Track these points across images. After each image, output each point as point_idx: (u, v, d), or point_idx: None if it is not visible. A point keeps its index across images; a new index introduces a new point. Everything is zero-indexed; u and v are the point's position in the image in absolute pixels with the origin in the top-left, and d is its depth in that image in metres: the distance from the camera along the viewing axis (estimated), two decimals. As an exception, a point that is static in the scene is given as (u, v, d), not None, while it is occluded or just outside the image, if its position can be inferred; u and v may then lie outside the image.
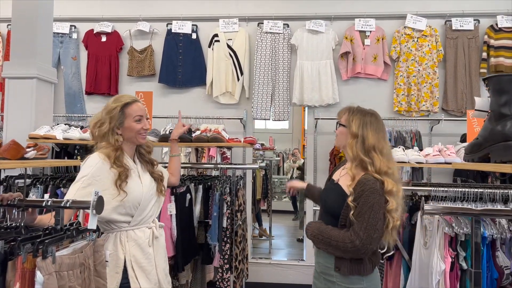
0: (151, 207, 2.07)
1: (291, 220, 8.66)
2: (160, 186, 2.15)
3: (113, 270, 1.94)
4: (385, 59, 4.69)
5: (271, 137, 9.99)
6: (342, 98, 4.74)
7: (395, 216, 1.80)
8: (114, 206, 1.92)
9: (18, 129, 3.29)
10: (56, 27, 5.02)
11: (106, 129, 1.99)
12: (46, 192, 2.94)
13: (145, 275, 1.99)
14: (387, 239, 1.85)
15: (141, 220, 2.02)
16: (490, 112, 1.40)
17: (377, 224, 1.77)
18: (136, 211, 1.98)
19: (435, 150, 3.07)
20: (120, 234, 1.98)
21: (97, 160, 1.95)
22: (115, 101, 2.05)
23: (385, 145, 1.91)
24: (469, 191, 2.69)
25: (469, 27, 4.62)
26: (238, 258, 3.26)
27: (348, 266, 1.88)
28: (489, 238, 2.52)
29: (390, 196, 1.81)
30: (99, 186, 1.86)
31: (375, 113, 2.01)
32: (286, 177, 8.82)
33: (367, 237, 1.76)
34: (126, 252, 1.96)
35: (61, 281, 1.56)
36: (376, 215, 1.77)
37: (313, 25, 4.73)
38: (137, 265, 1.97)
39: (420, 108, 4.59)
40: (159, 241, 2.11)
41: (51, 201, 1.64)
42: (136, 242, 1.99)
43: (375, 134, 1.89)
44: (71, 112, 4.99)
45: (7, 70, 3.35)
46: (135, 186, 1.99)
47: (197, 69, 4.92)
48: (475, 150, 1.46)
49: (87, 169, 1.91)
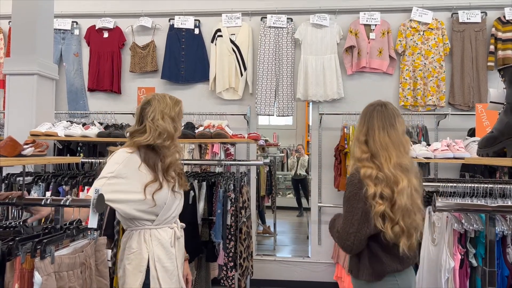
0: (176, 207, 1.99)
1: (296, 216, 8.63)
2: (182, 180, 2.03)
3: (136, 269, 1.87)
4: (390, 53, 4.62)
5: (275, 133, 9.95)
6: (347, 93, 4.67)
7: (379, 201, 1.72)
8: (138, 206, 1.84)
9: (20, 126, 3.26)
10: (57, 24, 4.98)
11: (180, 134, 1.97)
12: (47, 190, 2.90)
13: (168, 276, 1.92)
14: (377, 225, 1.74)
15: (165, 220, 1.94)
16: (506, 104, 1.34)
17: (352, 218, 1.76)
18: (161, 211, 1.90)
19: (443, 145, 3.01)
20: (144, 232, 1.90)
21: (125, 156, 1.85)
22: (173, 102, 1.97)
23: (362, 133, 1.89)
24: (479, 186, 2.63)
25: (476, 20, 4.54)
26: (242, 256, 3.22)
27: (356, 269, 1.88)
28: (500, 234, 2.47)
29: (368, 181, 1.76)
30: (126, 185, 1.80)
31: (370, 104, 1.96)
32: (290, 173, 8.76)
33: (343, 232, 1.79)
34: (150, 251, 1.88)
35: (61, 282, 1.52)
36: (352, 209, 1.77)
37: (317, 19, 4.66)
38: (160, 265, 1.90)
39: (426, 102, 4.51)
40: (180, 242, 2.03)
41: (50, 199, 1.60)
42: (159, 242, 1.91)
43: (358, 127, 1.92)
44: (74, 109, 4.96)
45: (8, 67, 3.31)
46: (164, 190, 1.89)
47: (200, 65, 4.87)
48: (490, 144, 1.40)
49: (114, 166, 1.81)
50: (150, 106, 1.92)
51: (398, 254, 1.77)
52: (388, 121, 1.85)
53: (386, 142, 1.81)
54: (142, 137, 1.87)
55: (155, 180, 1.84)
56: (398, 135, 1.83)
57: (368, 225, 1.75)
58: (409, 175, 1.78)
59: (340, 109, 4.63)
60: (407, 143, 1.86)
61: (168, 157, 1.88)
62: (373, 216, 1.73)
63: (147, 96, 1.98)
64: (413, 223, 1.75)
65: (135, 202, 1.81)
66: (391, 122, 1.85)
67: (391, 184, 1.75)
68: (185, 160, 3.43)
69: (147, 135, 1.86)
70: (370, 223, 1.74)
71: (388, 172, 1.75)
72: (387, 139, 1.81)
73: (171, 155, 1.89)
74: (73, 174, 3.20)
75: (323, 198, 4.67)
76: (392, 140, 1.82)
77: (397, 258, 1.80)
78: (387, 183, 1.75)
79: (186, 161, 3.41)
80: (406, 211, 1.73)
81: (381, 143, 1.81)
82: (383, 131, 1.83)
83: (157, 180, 1.85)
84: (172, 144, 1.90)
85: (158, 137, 1.86)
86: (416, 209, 1.77)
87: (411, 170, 1.80)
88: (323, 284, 4.55)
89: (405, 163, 1.79)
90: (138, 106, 1.99)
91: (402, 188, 1.73)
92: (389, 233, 1.72)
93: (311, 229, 4.80)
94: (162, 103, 1.92)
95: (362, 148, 1.86)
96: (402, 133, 1.86)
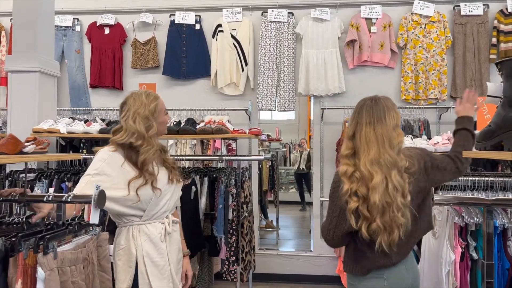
0: (165, 202, 2.01)
1: (299, 210, 8.65)
2: (173, 175, 2.06)
3: (126, 265, 1.92)
4: (392, 46, 4.61)
5: (277, 128, 9.95)
6: (349, 87, 4.67)
7: (353, 198, 1.70)
8: (122, 202, 1.87)
9: (22, 123, 3.28)
10: (59, 21, 4.99)
11: (156, 131, 1.96)
12: (51, 186, 2.92)
13: (158, 271, 1.95)
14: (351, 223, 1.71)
15: (154, 215, 1.97)
16: (503, 98, 1.35)
17: (332, 215, 1.82)
18: (148, 206, 1.93)
19: (444, 139, 3.01)
20: (132, 228, 1.94)
21: (107, 155, 1.90)
22: (149, 99, 1.97)
23: (350, 128, 1.85)
24: (480, 180, 2.64)
25: (478, 12, 4.51)
26: (244, 250, 3.24)
27: (345, 262, 1.92)
28: (500, 227, 2.47)
29: (344, 178, 1.76)
30: (109, 182, 1.83)
31: (362, 99, 1.91)
32: (293, 168, 8.78)
33: (324, 228, 1.86)
34: (138, 247, 1.92)
35: (64, 277, 1.55)
36: (332, 206, 1.83)
37: (318, 13, 4.65)
38: (150, 260, 1.93)
39: (428, 96, 4.50)
40: (172, 237, 2.05)
41: (52, 196, 1.62)
42: (148, 237, 1.94)
43: (349, 122, 1.90)
44: (76, 106, 4.98)
45: (10, 64, 3.33)
46: (148, 188, 1.92)
47: (201, 60, 4.87)
48: (487, 137, 1.40)
49: (98, 163, 1.87)
50: (126, 106, 1.98)
51: (384, 250, 1.71)
52: (377, 115, 1.80)
53: (369, 137, 1.76)
54: (117, 136, 1.93)
55: (139, 176, 1.88)
56: (386, 130, 1.76)
57: (346, 222, 1.75)
58: (389, 171, 1.69)
59: (341, 103, 4.62)
60: (397, 137, 1.77)
61: (142, 154, 1.90)
62: (347, 213, 1.72)
63: (127, 95, 2.02)
64: (395, 220, 1.67)
65: (119, 199, 1.84)
66: (379, 116, 1.79)
67: (366, 181, 1.70)
68: (186, 156, 3.45)
69: (122, 134, 1.92)
70: (347, 221, 1.74)
71: (363, 169, 1.71)
72: (371, 134, 1.76)
73: (145, 153, 1.90)
74: (75, 170, 3.22)
75: (325, 193, 4.68)
76: (376, 135, 1.76)
77: (384, 254, 1.74)
78: (364, 181, 1.71)
79: (187, 156, 3.43)
80: (381, 209, 1.66)
81: (365, 138, 1.77)
82: (369, 126, 1.78)
83: (141, 176, 1.88)
84: (144, 143, 1.91)
85: (131, 136, 1.90)
86: (395, 207, 1.67)
87: (393, 166, 1.71)
88: (326, 277, 4.57)
89: (386, 158, 1.71)
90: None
91: (374, 185, 1.67)
92: (363, 232, 1.69)
93: (313, 223, 4.81)
94: (136, 102, 1.95)
95: (348, 144, 1.84)
96: (393, 127, 1.79)
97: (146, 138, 1.91)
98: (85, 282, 1.67)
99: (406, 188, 1.71)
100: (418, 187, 1.80)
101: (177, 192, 2.11)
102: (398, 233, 1.69)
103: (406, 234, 1.72)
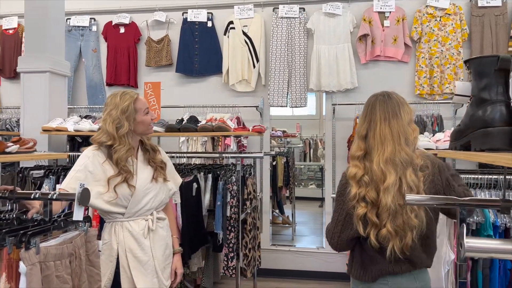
0: (148, 200, 2.05)
1: (318, 207, 8.58)
2: (157, 174, 2.10)
3: (107, 259, 2.01)
4: (405, 40, 4.50)
5: (298, 123, 9.89)
6: (361, 83, 4.60)
7: (361, 204, 1.61)
8: (105, 199, 1.95)
9: (34, 121, 3.42)
10: (76, 21, 5.14)
11: (127, 130, 1.99)
12: (58, 183, 3.03)
13: (141, 266, 2.01)
14: (359, 230, 1.63)
15: (136, 213, 2.03)
16: (472, 97, 1.31)
17: (337, 218, 1.71)
18: (128, 203, 1.99)
19: (446, 136, 2.93)
20: (115, 224, 2.03)
21: (91, 153, 2.00)
22: (123, 99, 2.02)
23: (363, 127, 1.74)
24: (483, 177, 2.57)
25: (496, 3, 4.34)
26: (248, 246, 3.26)
27: (350, 265, 1.81)
28: (502, 227, 2.41)
29: (352, 181, 1.66)
30: (92, 178, 1.93)
31: (372, 95, 1.81)
32: (312, 164, 8.72)
33: (329, 231, 1.76)
34: (119, 242, 2.00)
35: (47, 271, 1.60)
36: (338, 209, 1.73)
37: (329, 7, 4.59)
38: (132, 255, 2.00)
39: (443, 90, 4.38)
40: (157, 233, 2.09)
41: (39, 193, 1.69)
42: (130, 233, 2.01)
43: (360, 120, 1.78)
44: (93, 104, 5.12)
45: (22, 65, 3.46)
46: (125, 186, 1.99)
47: (213, 58, 4.91)
48: (458, 137, 1.37)
49: (82, 160, 1.98)
50: (105, 106, 2.06)
51: (396, 255, 1.59)
52: (392, 110, 1.69)
53: (385, 134, 1.66)
54: (94, 135, 2.03)
55: (118, 174, 1.95)
56: (402, 125, 1.67)
57: (352, 227, 1.66)
58: (404, 171, 1.59)
59: (354, 99, 4.56)
60: (413, 132, 1.68)
61: (115, 153, 1.96)
62: (354, 219, 1.64)
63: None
64: (408, 222, 1.56)
65: (100, 195, 1.92)
66: (394, 111, 1.69)
67: (377, 184, 1.60)
68: (187, 153, 3.51)
69: (98, 133, 2.02)
70: (354, 226, 1.65)
71: (376, 168, 1.61)
72: (387, 131, 1.66)
73: (117, 151, 1.96)
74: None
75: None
76: (392, 131, 1.65)
77: (395, 259, 1.61)
78: (374, 184, 1.61)
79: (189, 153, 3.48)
80: (393, 212, 1.56)
81: (380, 136, 1.66)
82: (384, 122, 1.67)
83: (120, 174, 1.95)
84: (116, 142, 1.97)
85: (102, 136, 1.99)
86: (409, 208, 1.56)
87: (408, 164, 1.60)
88: (336, 274, 4.53)
89: (403, 156, 1.61)
90: None
91: (387, 186, 1.57)
92: (372, 239, 1.59)
93: (325, 220, 4.79)
94: (111, 104, 2.02)
95: (359, 144, 1.72)
96: (408, 122, 1.69)
97: (117, 137, 1.97)
98: (71, 276, 1.73)
99: (420, 188, 1.60)
100: (434, 188, 1.67)
101: (164, 190, 2.14)
102: (411, 236, 1.56)
103: (421, 237, 1.60)
